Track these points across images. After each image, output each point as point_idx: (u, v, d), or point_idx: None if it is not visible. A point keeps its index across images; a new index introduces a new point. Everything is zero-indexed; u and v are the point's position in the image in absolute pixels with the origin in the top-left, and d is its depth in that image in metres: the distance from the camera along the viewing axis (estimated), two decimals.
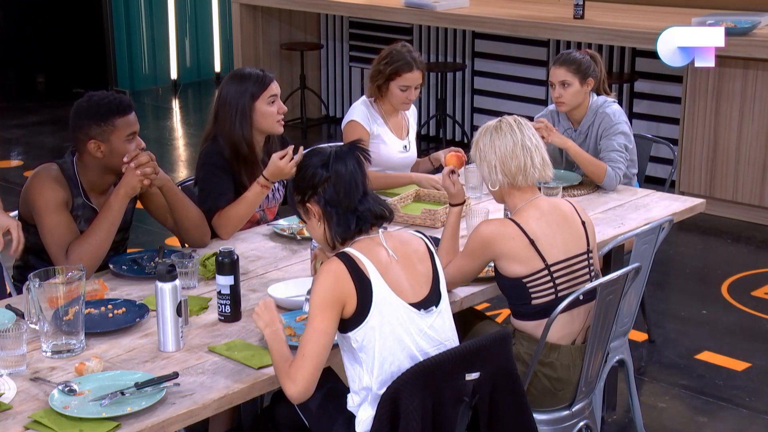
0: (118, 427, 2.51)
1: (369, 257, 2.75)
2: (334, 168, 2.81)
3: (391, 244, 2.82)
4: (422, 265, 2.86)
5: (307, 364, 2.69)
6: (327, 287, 2.71)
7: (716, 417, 4.27)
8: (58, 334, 2.86)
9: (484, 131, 3.33)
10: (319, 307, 2.71)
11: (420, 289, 2.83)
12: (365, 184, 2.85)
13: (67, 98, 4.17)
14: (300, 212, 2.90)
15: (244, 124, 3.88)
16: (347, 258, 2.75)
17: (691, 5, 7.14)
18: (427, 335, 2.81)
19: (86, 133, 3.44)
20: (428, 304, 2.83)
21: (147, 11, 10.48)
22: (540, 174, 3.29)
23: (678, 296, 5.56)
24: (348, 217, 2.80)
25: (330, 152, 2.84)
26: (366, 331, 2.74)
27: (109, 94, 3.49)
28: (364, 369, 2.78)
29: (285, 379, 2.71)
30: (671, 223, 4.00)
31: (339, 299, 2.71)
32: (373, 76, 4.56)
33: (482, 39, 8.03)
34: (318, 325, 2.70)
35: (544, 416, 3.32)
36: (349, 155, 2.84)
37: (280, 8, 8.63)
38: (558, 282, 3.26)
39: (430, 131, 8.45)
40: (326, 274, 2.73)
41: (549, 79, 4.57)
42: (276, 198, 4.15)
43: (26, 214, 3.55)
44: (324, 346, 2.70)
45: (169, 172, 7.63)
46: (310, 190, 2.83)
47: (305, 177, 2.84)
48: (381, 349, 2.75)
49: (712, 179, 6.55)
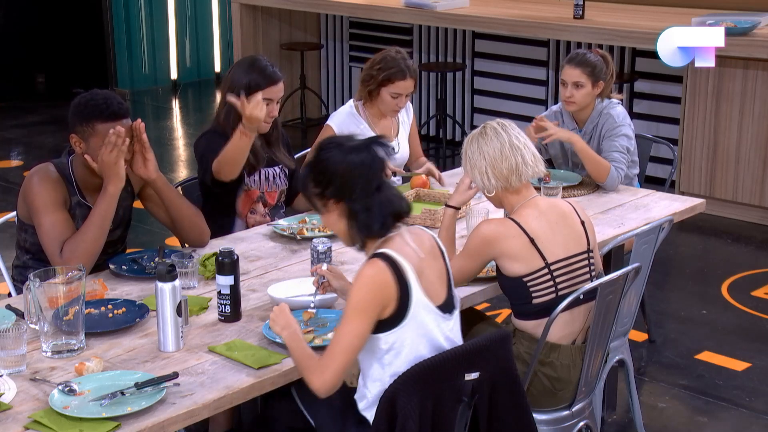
0: (118, 427, 2.51)
1: (406, 259, 2.71)
2: (353, 160, 2.73)
3: (414, 242, 2.78)
4: (438, 263, 2.84)
5: (338, 361, 2.66)
6: (371, 291, 2.67)
7: (716, 417, 4.27)
8: (58, 334, 2.86)
9: (470, 140, 3.33)
10: (360, 309, 2.67)
11: (441, 289, 2.82)
12: (383, 178, 2.77)
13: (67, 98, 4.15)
14: (317, 205, 2.82)
15: (233, 113, 3.92)
16: (389, 260, 2.69)
17: (691, 5, 7.14)
18: (449, 338, 2.82)
19: (72, 128, 3.45)
20: (450, 307, 2.83)
21: (147, 11, 10.48)
22: (533, 170, 3.28)
23: (678, 296, 5.55)
24: (372, 214, 2.73)
25: (347, 145, 2.77)
26: (399, 335, 2.72)
27: (106, 97, 3.45)
28: (386, 371, 2.75)
29: (311, 374, 2.69)
30: (671, 223, 4.00)
31: (381, 303, 2.68)
32: (364, 80, 4.52)
33: (482, 39, 8.03)
34: (356, 328, 2.66)
35: (544, 416, 3.32)
36: (367, 149, 2.75)
37: (280, 8, 8.63)
38: (558, 281, 3.26)
39: (430, 131, 8.45)
40: (372, 276, 2.68)
41: (561, 77, 4.55)
42: (277, 184, 4.15)
43: (24, 214, 3.55)
44: (355, 349, 2.68)
45: (169, 172, 7.63)
46: (330, 184, 2.75)
47: (324, 171, 2.75)
48: (411, 352, 2.73)
49: (712, 179, 6.55)
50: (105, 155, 3.38)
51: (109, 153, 3.37)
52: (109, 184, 3.41)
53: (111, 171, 3.39)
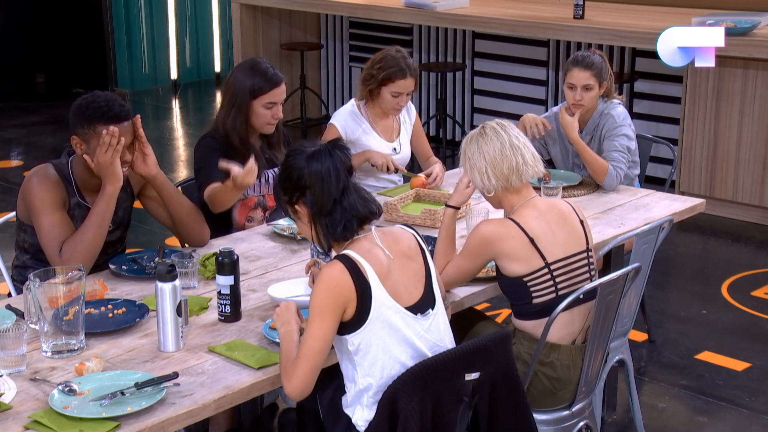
0: (118, 427, 2.51)
1: (369, 261, 2.74)
2: (314, 167, 2.77)
3: (385, 243, 2.81)
4: (415, 263, 2.85)
5: (303, 365, 2.69)
6: (328, 292, 2.70)
7: (716, 417, 4.27)
8: (58, 334, 2.86)
9: (470, 140, 3.34)
10: (319, 311, 2.70)
11: (415, 290, 2.82)
12: (347, 181, 2.80)
13: (67, 98, 4.16)
14: (289, 212, 2.89)
15: (238, 117, 3.93)
16: (349, 261, 2.73)
17: (691, 5, 7.14)
18: (424, 338, 2.81)
19: (73, 129, 3.46)
20: (425, 307, 2.82)
21: (147, 11, 10.48)
22: (533, 170, 3.28)
23: (678, 296, 5.55)
24: (334, 219, 2.77)
25: (308, 152, 2.81)
26: (363, 336, 2.73)
27: (108, 99, 3.46)
28: (358, 372, 2.78)
29: (283, 377, 2.73)
30: (671, 223, 4.00)
31: (340, 304, 2.70)
32: (365, 79, 4.53)
33: (482, 39, 8.02)
34: (317, 330, 2.70)
35: (544, 416, 3.32)
36: (326, 154, 2.79)
37: (280, 8, 8.62)
38: (558, 280, 3.26)
39: (430, 131, 8.45)
40: (329, 278, 2.71)
41: (568, 80, 4.50)
42: None
43: (23, 214, 3.55)
44: (320, 351, 2.70)
45: (169, 172, 7.63)
46: (297, 192, 2.81)
47: (289, 178, 2.82)
48: (377, 353, 2.75)
49: (712, 179, 6.55)
50: (100, 156, 3.38)
51: (105, 153, 3.37)
52: (107, 184, 3.41)
53: (107, 171, 3.40)
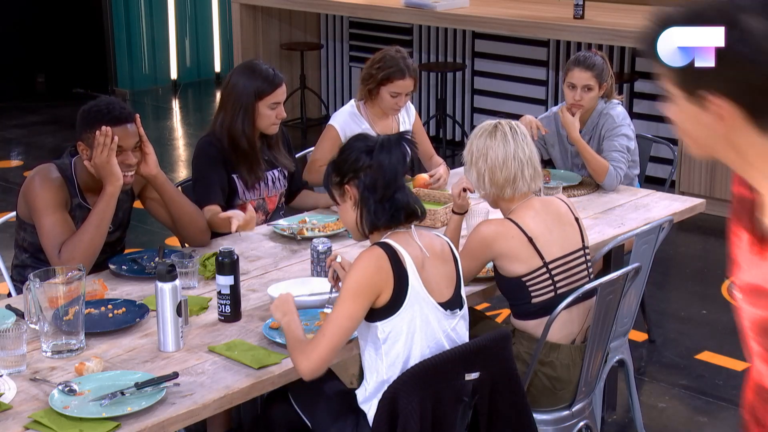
0: (118, 427, 2.51)
1: (407, 251, 2.75)
2: (379, 157, 2.78)
3: (422, 242, 2.82)
4: (447, 267, 2.87)
5: (325, 343, 2.67)
6: (366, 274, 2.70)
7: (716, 417, 4.27)
8: (58, 334, 2.86)
9: (480, 133, 3.34)
10: (353, 291, 2.69)
11: (446, 289, 2.84)
12: (404, 178, 2.83)
13: (67, 98, 4.16)
14: (335, 193, 2.87)
15: (246, 120, 3.93)
16: (389, 248, 2.73)
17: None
18: (450, 336, 2.83)
19: (78, 135, 3.47)
20: (453, 306, 2.84)
21: (147, 11, 10.48)
22: (528, 186, 3.30)
23: (678, 296, 5.55)
24: (383, 207, 2.78)
25: (377, 140, 2.82)
26: (395, 324, 2.73)
27: (109, 102, 3.48)
28: (384, 362, 2.76)
29: (299, 354, 2.70)
30: (671, 223, 4.00)
31: (375, 288, 2.70)
32: (364, 79, 4.53)
33: (482, 39, 8.02)
34: (347, 310, 2.68)
35: (544, 416, 3.32)
36: (396, 146, 2.80)
37: (280, 8, 8.62)
38: (557, 279, 3.27)
39: (430, 131, 8.44)
40: (368, 260, 2.71)
41: (569, 80, 4.50)
42: (276, 187, 4.15)
43: (24, 214, 3.55)
44: (346, 331, 2.69)
45: (169, 172, 7.63)
46: (350, 173, 2.80)
47: (348, 160, 2.81)
48: (407, 343, 2.75)
49: (712, 179, 6.55)
50: (96, 156, 3.39)
51: (100, 153, 3.38)
52: (107, 184, 3.42)
53: (105, 171, 3.40)
